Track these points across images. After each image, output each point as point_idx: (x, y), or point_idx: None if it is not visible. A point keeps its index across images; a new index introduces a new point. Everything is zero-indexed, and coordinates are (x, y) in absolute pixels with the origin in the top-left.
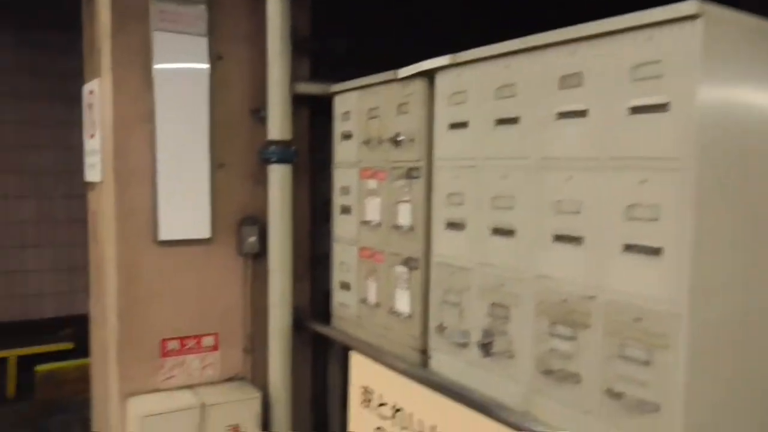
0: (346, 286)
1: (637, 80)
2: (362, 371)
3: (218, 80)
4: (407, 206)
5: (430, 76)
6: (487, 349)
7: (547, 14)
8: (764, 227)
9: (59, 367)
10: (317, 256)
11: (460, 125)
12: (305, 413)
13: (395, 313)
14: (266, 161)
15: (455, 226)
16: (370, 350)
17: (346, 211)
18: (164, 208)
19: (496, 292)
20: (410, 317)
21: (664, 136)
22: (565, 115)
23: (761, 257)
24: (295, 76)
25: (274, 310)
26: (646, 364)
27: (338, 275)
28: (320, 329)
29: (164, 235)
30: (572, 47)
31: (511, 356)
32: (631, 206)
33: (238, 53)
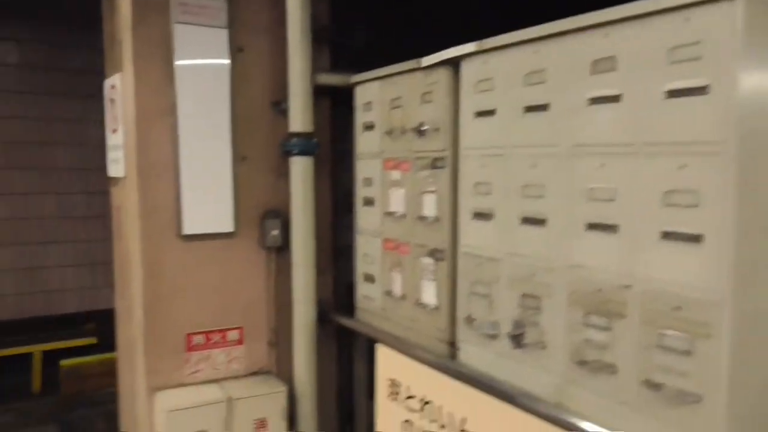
0: (370, 278)
1: (674, 63)
2: (389, 364)
3: (239, 73)
4: (432, 197)
5: (454, 64)
6: (518, 340)
7: (573, 1)
8: None
9: (83, 361)
10: (339, 248)
11: (487, 113)
12: (331, 406)
13: (421, 305)
14: (288, 153)
15: (483, 216)
16: (396, 343)
17: (369, 202)
18: (187, 202)
19: (526, 282)
20: (437, 309)
21: (703, 119)
22: (597, 100)
23: None
24: (315, 67)
25: (298, 303)
26: (686, 353)
27: (362, 267)
28: (345, 322)
29: (188, 229)
30: (605, 30)
31: (543, 347)
32: (668, 192)
33: (258, 45)
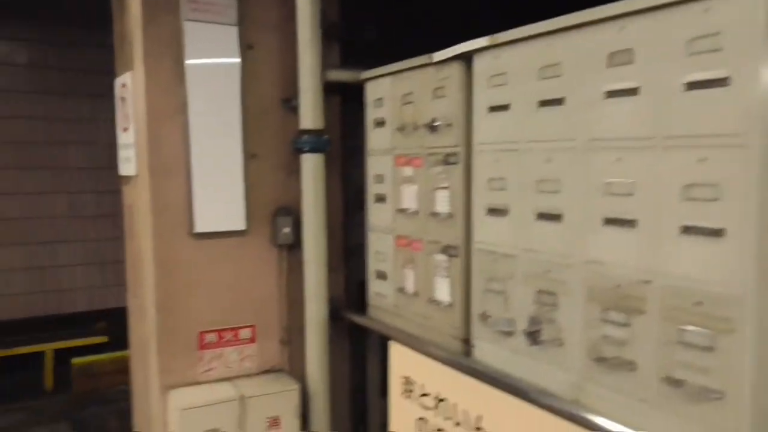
0: (382, 275)
1: (693, 54)
2: (402, 361)
3: (249, 70)
4: (445, 193)
5: (466, 58)
6: (534, 337)
7: None
8: None
9: (95, 360)
10: (350, 245)
11: (500, 108)
12: (343, 404)
13: (435, 302)
14: (299, 151)
15: (497, 211)
16: (410, 340)
17: (380, 199)
18: (199, 200)
19: (542, 278)
20: (451, 306)
21: (723, 111)
22: (614, 93)
23: None
24: (325, 63)
25: (310, 301)
26: (708, 349)
27: (374, 264)
28: (357, 319)
29: (200, 227)
30: (621, 23)
31: (560, 344)
32: (688, 186)
33: (268, 42)
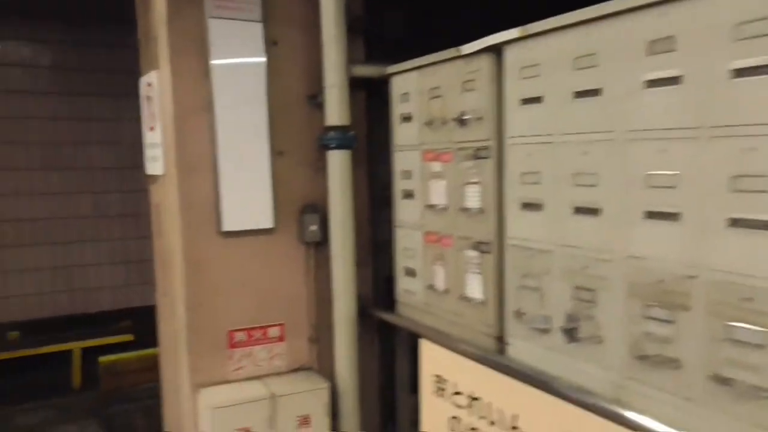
0: (411, 272)
1: (740, 40)
2: (434, 359)
3: (273, 66)
4: (476, 188)
5: (496, 50)
6: (571, 334)
7: None
8: None
9: (121, 358)
10: (377, 242)
11: (533, 100)
12: (372, 401)
13: (466, 299)
14: (325, 147)
15: (531, 206)
16: (441, 338)
17: (408, 195)
18: (227, 198)
19: (580, 274)
20: (483, 303)
21: None
22: (654, 83)
23: None
24: (350, 58)
25: (338, 298)
26: (759, 347)
27: (402, 261)
28: (386, 317)
29: (227, 225)
30: (662, 9)
31: (599, 341)
32: (735, 177)
33: (292, 38)
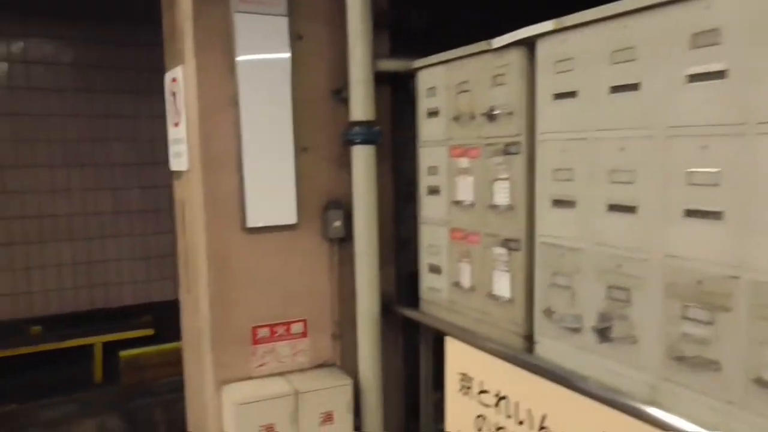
0: (436, 269)
1: None
2: (459, 357)
3: (298, 61)
4: (505, 184)
5: (528, 44)
6: (604, 333)
7: None
8: None
9: (142, 352)
10: (400, 238)
11: (566, 95)
12: (394, 398)
13: (494, 297)
14: (350, 143)
15: (563, 203)
16: (467, 336)
17: (434, 191)
18: (251, 194)
19: (613, 273)
20: (511, 301)
21: None
22: (697, 77)
23: None
24: (375, 53)
25: (361, 295)
26: None
27: (427, 258)
28: (410, 314)
29: (252, 222)
30: (707, 1)
31: (633, 342)
32: None
33: (317, 32)
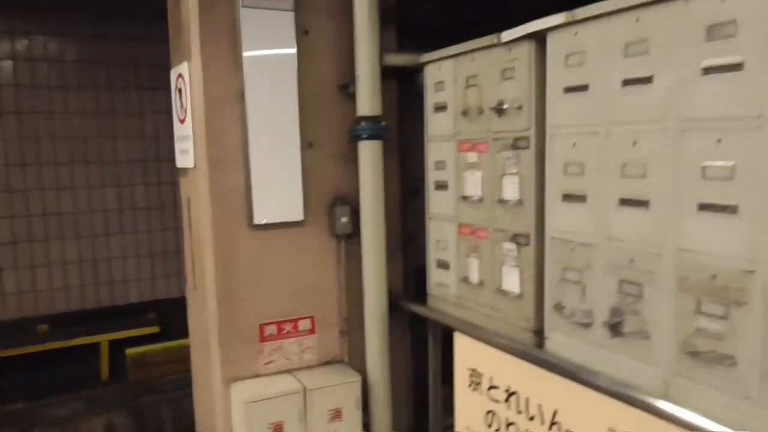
0: (444, 264)
1: None
2: (468, 353)
3: (305, 56)
4: (514, 179)
5: (539, 37)
6: (616, 329)
7: None
8: None
9: (148, 350)
10: (406, 233)
11: (578, 89)
12: (403, 394)
13: (503, 292)
14: (357, 138)
15: (574, 198)
16: (477, 332)
17: (441, 186)
18: (257, 191)
19: (625, 268)
20: (521, 296)
21: None
22: (713, 70)
23: None
24: (382, 47)
25: (369, 291)
26: None
27: (434, 254)
28: (417, 310)
29: (258, 218)
30: None
31: (645, 337)
32: None
33: (323, 27)
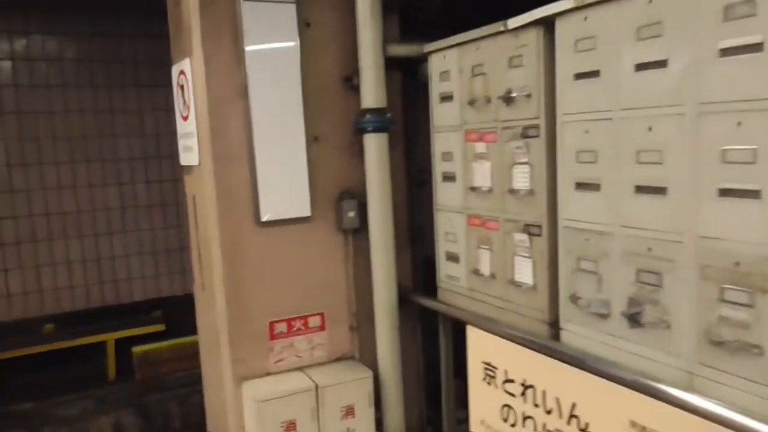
0: (453, 257)
1: None
2: (482, 346)
3: (307, 49)
4: (525, 168)
5: (547, 23)
6: (635, 319)
7: None
8: None
9: (154, 348)
10: (414, 225)
11: (589, 75)
12: (413, 388)
13: (515, 284)
14: (361, 131)
15: (587, 186)
16: (490, 324)
17: (449, 177)
18: (264, 187)
19: (643, 256)
20: (534, 288)
21: None
22: (731, 51)
23: None
24: (385, 38)
25: (378, 286)
26: None
27: (444, 246)
28: (427, 303)
29: (265, 215)
30: None
31: (666, 327)
32: None
33: (325, 19)
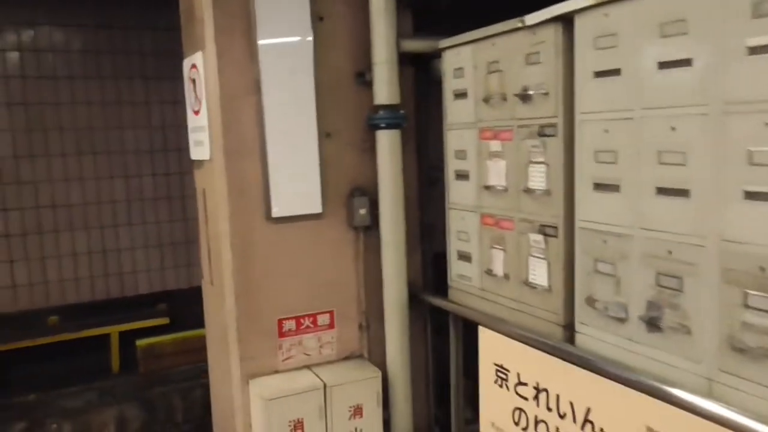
0: (465, 256)
1: None
2: (494, 348)
3: (320, 43)
4: (541, 168)
5: (566, 20)
6: (654, 323)
7: None
8: None
9: (158, 341)
10: (425, 223)
11: (609, 73)
12: (422, 388)
13: (530, 285)
14: (374, 127)
15: (606, 187)
16: (502, 326)
17: (462, 176)
18: (275, 183)
19: (663, 259)
20: (549, 289)
21: None
22: (759, 50)
23: None
24: (399, 33)
25: (389, 284)
26: None
27: (455, 245)
28: (439, 303)
29: (276, 212)
30: None
31: (686, 332)
32: None
33: (339, 13)
